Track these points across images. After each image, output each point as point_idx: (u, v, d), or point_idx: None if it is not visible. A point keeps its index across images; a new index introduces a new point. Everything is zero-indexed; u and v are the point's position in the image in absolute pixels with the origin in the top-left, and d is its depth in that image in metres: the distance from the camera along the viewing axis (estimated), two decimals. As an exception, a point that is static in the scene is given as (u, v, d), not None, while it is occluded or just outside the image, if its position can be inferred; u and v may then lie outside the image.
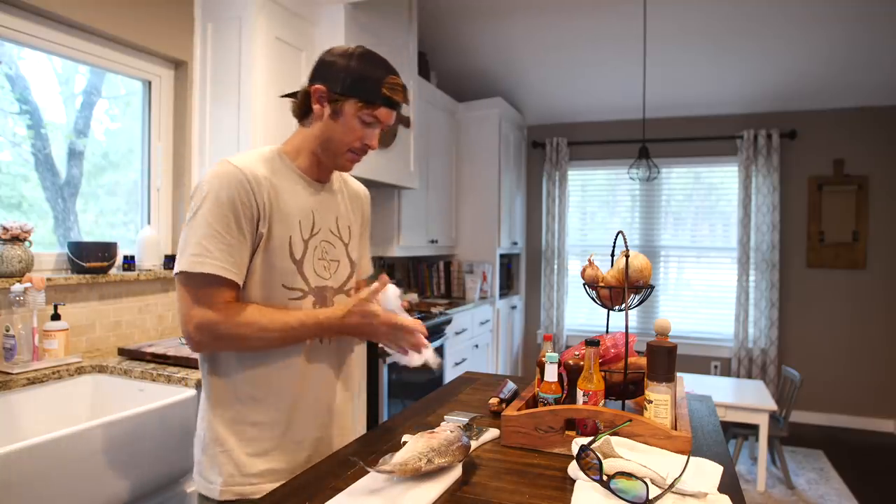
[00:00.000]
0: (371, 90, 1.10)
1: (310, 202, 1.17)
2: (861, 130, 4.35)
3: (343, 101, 1.11)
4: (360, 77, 1.10)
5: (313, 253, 1.16)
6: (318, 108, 1.13)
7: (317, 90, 1.12)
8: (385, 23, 3.14)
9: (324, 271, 1.19)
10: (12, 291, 1.72)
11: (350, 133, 1.13)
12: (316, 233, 1.17)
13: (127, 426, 1.44)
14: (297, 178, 1.17)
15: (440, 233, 4.22)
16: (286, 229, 1.11)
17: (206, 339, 1.06)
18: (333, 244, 1.21)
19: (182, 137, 2.45)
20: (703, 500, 0.89)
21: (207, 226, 1.04)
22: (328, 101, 1.12)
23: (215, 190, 1.05)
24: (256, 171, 1.09)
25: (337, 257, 1.22)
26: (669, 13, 3.63)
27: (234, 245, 1.05)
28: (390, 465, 0.92)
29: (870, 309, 4.35)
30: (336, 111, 1.12)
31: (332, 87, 1.11)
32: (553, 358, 1.20)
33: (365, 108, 1.11)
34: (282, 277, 1.11)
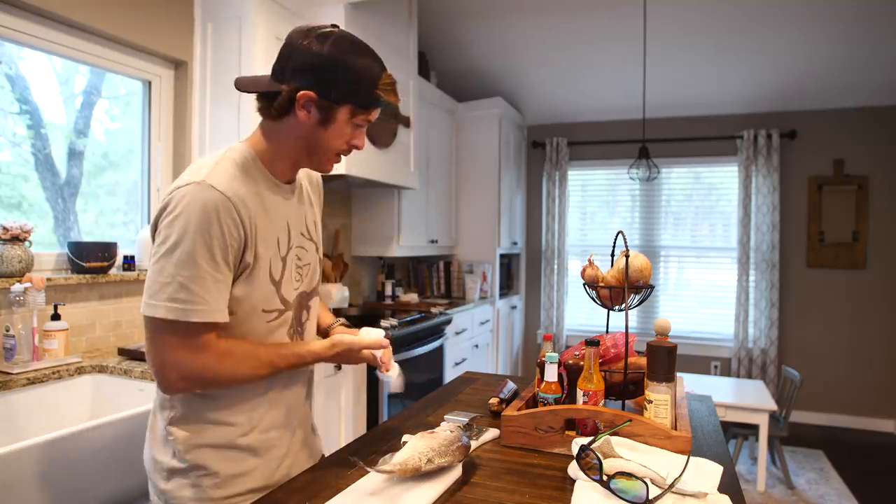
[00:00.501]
0: (367, 94, 1.01)
1: (286, 212, 1.09)
2: (861, 130, 4.35)
3: (335, 108, 1.01)
4: (354, 81, 0.99)
5: (291, 267, 1.09)
6: (304, 114, 1.00)
7: (305, 97, 0.99)
8: (385, 23, 3.14)
9: (298, 281, 1.12)
10: (12, 291, 1.72)
11: (339, 137, 1.04)
12: (292, 245, 1.10)
13: (127, 426, 1.44)
14: (274, 187, 1.07)
15: (440, 233, 4.22)
16: (268, 251, 1.03)
17: (189, 387, 0.98)
18: (306, 248, 1.14)
19: (182, 137, 2.45)
20: (703, 500, 0.89)
21: (194, 265, 0.92)
22: (317, 108, 1.00)
23: (200, 222, 0.92)
24: (240, 192, 0.98)
25: (309, 260, 1.15)
26: (669, 13, 3.63)
27: (222, 282, 0.96)
28: (390, 465, 0.92)
29: (870, 309, 4.35)
30: (326, 119, 1.01)
31: (322, 94, 0.99)
32: (553, 358, 1.20)
33: (360, 114, 1.03)
34: (261, 302, 1.03)
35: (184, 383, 0.97)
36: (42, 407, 1.66)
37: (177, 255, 0.92)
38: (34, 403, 1.64)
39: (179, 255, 0.92)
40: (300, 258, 1.12)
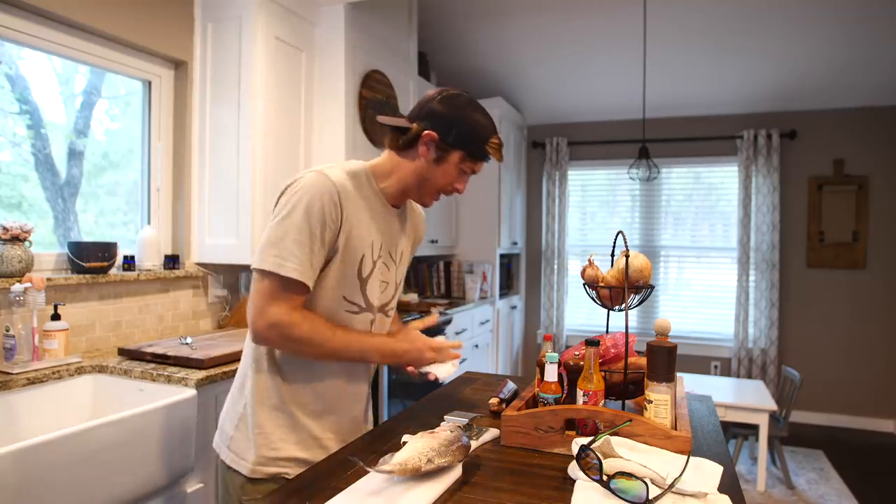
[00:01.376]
0: (478, 147, 1.19)
1: (383, 225, 1.24)
2: (861, 130, 4.35)
3: (450, 151, 1.18)
4: (470, 132, 1.17)
5: (378, 274, 1.23)
6: (424, 149, 1.19)
7: (428, 136, 1.17)
8: (385, 23, 3.14)
9: (379, 292, 1.26)
10: (12, 291, 1.72)
11: (447, 178, 1.21)
12: (382, 255, 1.24)
13: (127, 426, 1.44)
14: (377, 200, 1.23)
15: (440, 233, 4.22)
16: (361, 247, 1.18)
17: (273, 337, 1.12)
18: (388, 267, 1.28)
19: (182, 137, 2.45)
20: (703, 500, 0.89)
21: (298, 231, 1.09)
22: (435, 147, 1.18)
23: (310, 199, 1.10)
24: (347, 186, 1.15)
25: (388, 279, 1.28)
26: (669, 13, 3.63)
27: (316, 254, 1.11)
28: (390, 465, 0.92)
29: (870, 309, 4.35)
30: (440, 158, 1.19)
31: (443, 137, 1.17)
32: (553, 358, 1.20)
33: (468, 161, 1.20)
34: (346, 290, 1.18)
35: (270, 331, 1.10)
36: (42, 407, 1.66)
37: (286, 222, 1.10)
38: (34, 403, 1.64)
39: (288, 222, 1.10)
40: (384, 273, 1.27)
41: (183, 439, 1.62)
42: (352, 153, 2.75)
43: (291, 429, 1.19)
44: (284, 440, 1.18)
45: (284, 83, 2.50)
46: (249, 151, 2.34)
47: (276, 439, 1.18)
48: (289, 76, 2.52)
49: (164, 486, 1.60)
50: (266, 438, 1.18)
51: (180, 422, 1.61)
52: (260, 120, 2.35)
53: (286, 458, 1.19)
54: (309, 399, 1.21)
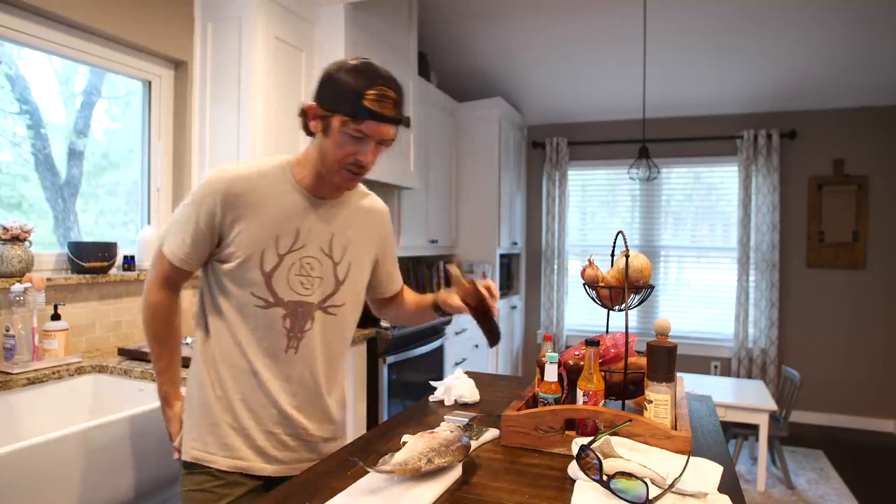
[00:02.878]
0: (353, 103, 1.06)
1: (299, 219, 1.18)
2: (861, 130, 4.35)
3: (330, 116, 1.09)
4: (342, 91, 1.07)
5: (289, 268, 1.18)
6: (314, 124, 1.13)
7: (309, 108, 1.13)
8: (385, 23, 3.14)
9: (301, 287, 1.19)
10: (12, 291, 1.72)
11: (339, 149, 1.10)
12: (297, 249, 1.18)
13: (127, 426, 1.44)
14: (293, 193, 1.18)
15: (440, 233, 4.22)
16: (259, 242, 1.15)
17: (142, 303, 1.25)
18: (320, 261, 1.22)
19: (182, 137, 2.45)
20: (703, 500, 0.89)
21: (180, 218, 1.17)
22: (319, 118, 1.11)
23: (202, 193, 1.15)
24: (240, 185, 1.15)
25: (320, 275, 1.22)
26: (669, 13, 3.63)
27: (193, 241, 1.16)
28: (390, 465, 0.92)
29: (870, 309, 4.35)
30: (325, 127, 1.11)
31: (321, 103, 1.11)
32: (553, 358, 1.20)
33: (350, 123, 1.08)
34: (251, 285, 1.17)
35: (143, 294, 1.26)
36: (42, 407, 1.66)
37: (179, 209, 1.19)
38: (34, 403, 1.64)
39: (180, 209, 1.19)
40: (311, 267, 1.20)
41: (183, 439, 1.61)
42: (352, 153, 2.75)
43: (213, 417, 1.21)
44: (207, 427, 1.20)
45: (284, 83, 2.50)
46: (249, 151, 2.33)
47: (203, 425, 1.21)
48: (289, 76, 2.52)
49: (163, 485, 1.60)
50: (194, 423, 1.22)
51: (180, 422, 1.61)
52: (260, 120, 2.35)
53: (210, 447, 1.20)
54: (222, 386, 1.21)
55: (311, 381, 1.24)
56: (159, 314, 1.24)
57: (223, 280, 1.18)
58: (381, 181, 3.05)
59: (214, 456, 1.18)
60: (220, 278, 1.18)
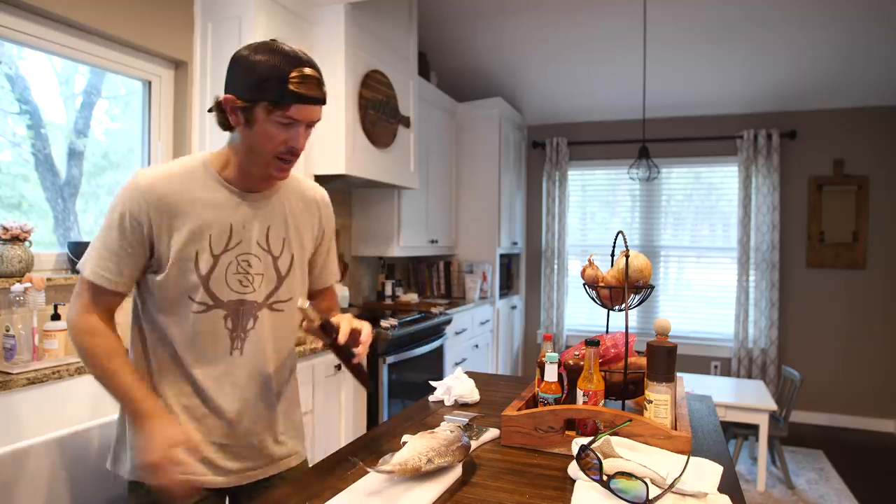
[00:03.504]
0: (276, 90, 1.01)
1: (230, 215, 1.13)
2: (861, 130, 4.35)
3: (252, 106, 1.04)
4: (262, 78, 1.01)
5: (226, 268, 1.13)
6: (233, 118, 1.07)
7: (226, 100, 1.06)
8: (385, 23, 3.14)
9: (240, 286, 1.14)
10: (12, 291, 1.72)
11: (269, 139, 1.06)
12: (232, 247, 1.13)
13: (127, 426, 1.44)
14: (220, 189, 1.12)
15: (440, 233, 4.22)
16: (192, 245, 1.09)
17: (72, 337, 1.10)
18: (259, 257, 1.16)
19: (182, 137, 2.45)
20: (703, 500, 0.89)
21: (106, 238, 1.08)
22: (239, 110, 1.05)
23: (120, 208, 1.08)
24: (163, 187, 1.08)
25: (260, 271, 1.17)
26: (669, 13, 3.63)
27: (122, 257, 1.08)
28: (390, 465, 0.92)
29: (870, 309, 4.35)
30: (249, 119, 1.05)
31: (239, 95, 1.04)
32: (553, 358, 1.20)
33: (276, 111, 1.03)
34: (188, 290, 1.11)
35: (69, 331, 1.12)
36: (42, 407, 1.66)
37: (101, 230, 1.10)
38: (34, 403, 1.64)
39: (102, 230, 1.10)
40: (249, 264, 1.15)
41: (183, 439, 1.61)
42: (351, 153, 2.75)
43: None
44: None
45: (284, 83, 2.49)
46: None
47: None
48: (289, 76, 2.52)
49: (164, 486, 1.60)
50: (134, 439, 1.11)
51: (180, 422, 1.61)
52: (260, 120, 2.35)
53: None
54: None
55: (262, 383, 1.19)
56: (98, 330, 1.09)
57: (156, 290, 1.11)
58: (381, 181, 3.05)
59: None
60: (151, 289, 1.11)
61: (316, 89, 1.05)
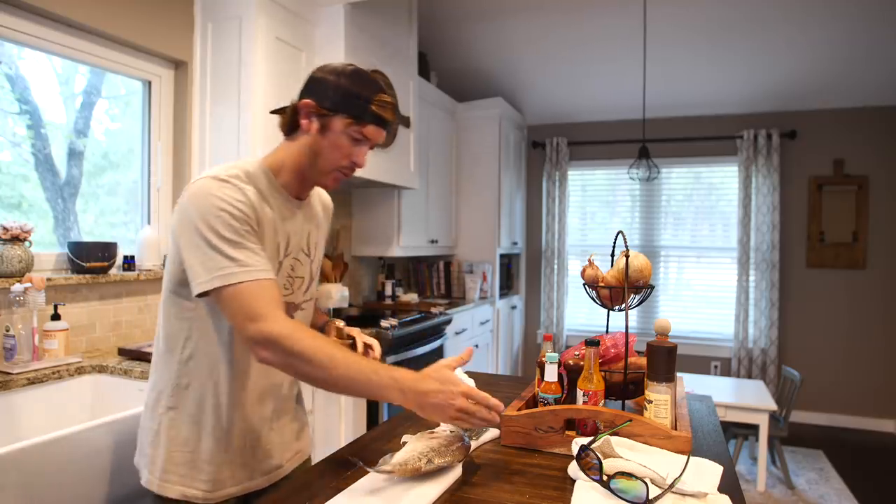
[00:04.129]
0: (360, 107, 1.08)
1: (289, 222, 1.16)
2: (861, 130, 4.35)
3: (331, 116, 1.09)
4: (349, 93, 1.08)
5: (283, 274, 1.15)
6: (306, 122, 1.10)
7: (305, 104, 1.09)
8: (385, 23, 3.14)
9: (288, 289, 1.18)
10: (12, 291, 1.72)
11: (338, 150, 1.10)
12: (289, 252, 1.16)
13: (127, 426, 1.44)
14: (280, 196, 1.14)
15: (440, 233, 4.22)
16: (270, 251, 1.10)
17: (273, 356, 0.97)
18: (301, 262, 1.20)
19: (182, 137, 2.45)
20: (703, 500, 0.89)
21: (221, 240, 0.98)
22: (316, 116, 1.09)
23: (213, 205, 1.00)
24: (245, 187, 1.06)
25: (302, 274, 1.21)
26: (669, 13, 3.63)
27: (258, 249, 1.03)
28: (390, 465, 0.92)
29: (870, 309, 4.35)
30: (324, 126, 1.09)
31: (320, 102, 1.08)
32: (553, 358, 1.20)
33: (353, 125, 1.09)
34: None
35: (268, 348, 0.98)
36: (42, 407, 1.66)
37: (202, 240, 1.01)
38: (34, 403, 1.64)
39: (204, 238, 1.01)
40: (294, 269, 1.19)
41: (183, 439, 1.61)
42: (352, 153, 2.75)
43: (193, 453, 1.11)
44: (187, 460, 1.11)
45: (284, 83, 2.50)
46: (249, 151, 2.33)
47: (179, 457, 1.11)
48: (289, 76, 2.52)
49: (164, 486, 1.60)
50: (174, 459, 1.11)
51: (180, 422, 1.61)
52: (260, 120, 2.35)
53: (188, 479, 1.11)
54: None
55: (291, 380, 1.24)
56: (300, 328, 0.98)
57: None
58: (381, 181, 3.05)
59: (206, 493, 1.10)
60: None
61: (392, 116, 1.13)
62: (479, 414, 0.96)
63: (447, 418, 0.96)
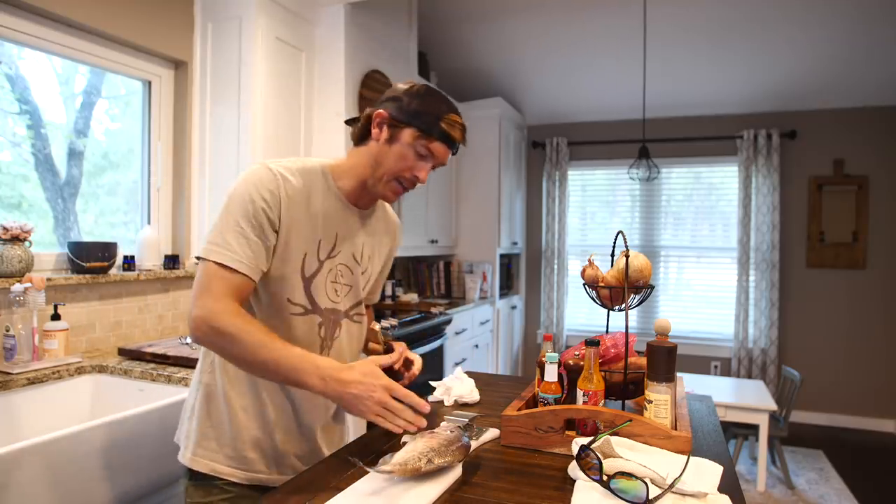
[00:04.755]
0: (430, 122, 1.12)
1: (338, 225, 1.18)
2: (861, 130, 4.35)
3: (402, 127, 1.12)
4: (421, 108, 1.12)
5: (327, 275, 1.17)
6: (377, 131, 1.14)
7: (379, 114, 1.14)
8: (385, 23, 3.14)
9: (335, 294, 1.20)
10: (12, 291, 1.72)
11: (401, 160, 1.13)
12: (335, 255, 1.18)
13: (127, 426, 1.44)
14: (332, 197, 1.17)
15: (440, 233, 4.22)
16: (303, 245, 1.13)
17: (203, 331, 1.02)
18: (352, 270, 1.22)
19: (182, 137, 2.45)
20: (703, 500, 0.89)
21: (233, 222, 1.06)
22: (387, 126, 1.13)
23: (247, 191, 1.07)
24: (291, 180, 1.11)
25: (350, 283, 1.23)
26: (669, 13, 3.63)
27: (255, 245, 1.06)
28: (390, 465, 0.92)
29: (870, 309, 4.35)
30: (393, 136, 1.13)
31: (393, 114, 1.13)
32: (553, 358, 1.20)
33: (421, 139, 1.12)
34: (288, 290, 1.13)
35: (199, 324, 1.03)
36: (42, 407, 1.66)
37: (222, 215, 1.08)
38: (34, 403, 1.64)
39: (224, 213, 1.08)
40: (342, 275, 1.21)
41: (183, 439, 1.61)
42: (352, 153, 2.75)
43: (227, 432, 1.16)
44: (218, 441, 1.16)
45: (284, 83, 2.50)
46: (249, 151, 2.34)
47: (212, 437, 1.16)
48: (289, 76, 2.52)
49: (163, 485, 1.60)
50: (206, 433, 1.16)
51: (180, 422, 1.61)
52: (260, 120, 2.35)
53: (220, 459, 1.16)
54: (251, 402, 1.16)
55: None
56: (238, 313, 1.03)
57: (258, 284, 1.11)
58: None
59: (233, 469, 1.16)
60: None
61: (460, 136, 1.16)
62: (403, 415, 1.00)
63: (368, 413, 1.00)
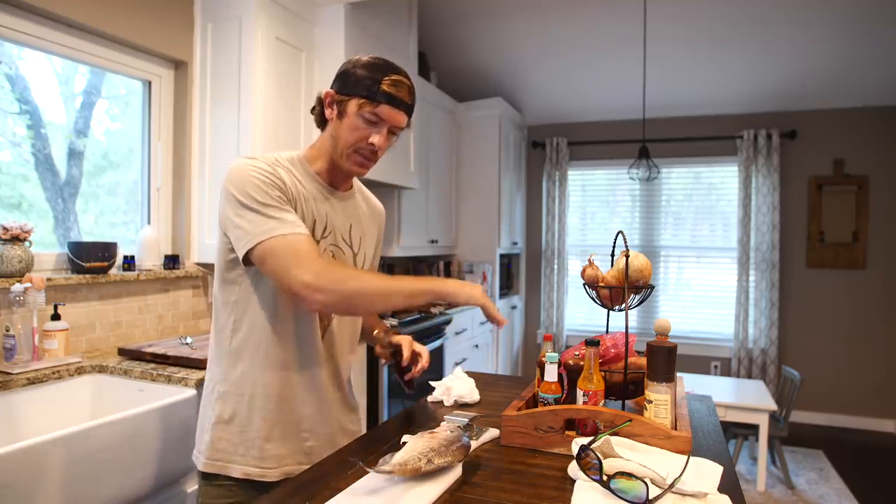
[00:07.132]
0: (371, 87, 1.12)
1: (323, 206, 1.21)
2: (861, 130, 4.35)
3: (347, 99, 1.14)
4: (361, 76, 1.13)
5: (322, 254, 1.19)
6: (329, 111, 1.17)
7: (328, 94, 1.17)
8: (385, 22, 3.14)
9: None
10: (12, 291, 1.72)
11: (354, 132, 1.14)
12: (327, 235, 1.21)
13: (127, 426, 1.44)
14: (313, 183, 1.20)
15: (440, 233, 4.22)
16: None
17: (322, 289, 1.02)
18: (343, 250, 1.24)
19: (182, 137, 2.45)
20: (703, 500, 0.89)
21: (259, 205, 1.07)
22: (336, 103, 1.15)
23: (247, 177, 1.08)
24: (277, 166, 1.14)
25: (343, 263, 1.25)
26: (670, 12, 3.63)
27: (290, 211, 1.10)
28: (390, 465, 0.92)
29: (870, 309, 4.35)
30: (341, 111, 1.15)
31: (338, 89, 1.15)
32: (553, 358, 1.20)
33: (366, 106, 1.12)
34: None
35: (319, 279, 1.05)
36: (42, 407, 1.66)
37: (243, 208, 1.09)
38: (34, 403, 1.64)
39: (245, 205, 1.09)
40: (334, 256, 1.23)
41: (182, 439, 1.62)
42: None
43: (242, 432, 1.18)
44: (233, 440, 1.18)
45: (284, 83, 2.50)
46: (249, 151, 2.33)
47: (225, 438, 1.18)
48: (289, 76, 2.52)
49: (164, 485, 1.60)
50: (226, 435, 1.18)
51: (180, 422, 1.61)
52: (260, 120, 2.35)
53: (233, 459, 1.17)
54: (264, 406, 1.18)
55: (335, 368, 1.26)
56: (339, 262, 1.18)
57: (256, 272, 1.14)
58: (381, 181, 3.05)
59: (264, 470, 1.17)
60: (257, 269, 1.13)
61: (406, 95, 1.15)
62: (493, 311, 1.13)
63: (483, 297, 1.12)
